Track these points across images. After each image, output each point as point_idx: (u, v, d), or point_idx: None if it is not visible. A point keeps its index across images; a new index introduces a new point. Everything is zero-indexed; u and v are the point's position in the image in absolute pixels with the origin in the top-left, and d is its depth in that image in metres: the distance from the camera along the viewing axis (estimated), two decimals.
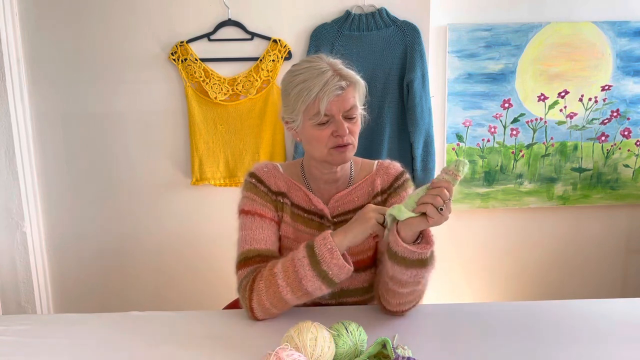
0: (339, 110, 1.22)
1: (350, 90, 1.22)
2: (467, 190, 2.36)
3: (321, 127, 1.23)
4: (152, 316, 1.32)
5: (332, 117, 1.22)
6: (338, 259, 1.15)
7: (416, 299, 1.24)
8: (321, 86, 1.19)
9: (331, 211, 1.34)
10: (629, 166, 2.37)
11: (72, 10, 2.10)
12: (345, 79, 1.22)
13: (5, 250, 2.16)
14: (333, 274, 1.16)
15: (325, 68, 1.22)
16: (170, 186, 2.25)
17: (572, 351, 1.12)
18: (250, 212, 1.32)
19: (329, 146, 1.24)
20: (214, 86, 2.14)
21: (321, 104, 1.19)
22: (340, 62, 1.26)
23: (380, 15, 2.12)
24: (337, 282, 1.18)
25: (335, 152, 1.25)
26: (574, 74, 2.28)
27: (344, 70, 1.24)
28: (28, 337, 1.22)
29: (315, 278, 1.16)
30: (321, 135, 1.23)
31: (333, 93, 1.19)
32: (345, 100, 1.22)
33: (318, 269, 1.15)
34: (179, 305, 2.32)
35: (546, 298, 2.34)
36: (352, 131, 1.25)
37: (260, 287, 1.21)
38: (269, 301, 1.21)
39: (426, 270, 1.15)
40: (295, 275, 1.17)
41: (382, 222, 1.16)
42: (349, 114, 1.23)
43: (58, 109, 2.18)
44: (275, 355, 0.94)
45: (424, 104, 2.16)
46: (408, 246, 1.12)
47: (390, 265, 1.16)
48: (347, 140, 1.24)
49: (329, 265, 1.15)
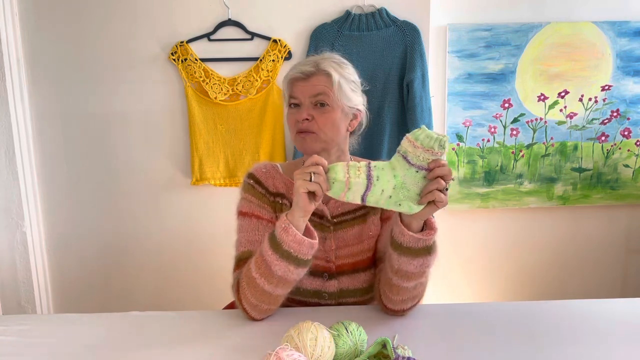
0: (304, 95, 1.26)
1: (317, 78, 1.26)
2: (467, 190, 2.36)
3: (291, 111, 1.30)
4: (152, 316, 1.32)
5: (301, 102, 1.27)
6: (294, 234, 1.12)
7: (419, 295, 1.24)
8: (292, 69, 1.30)
9: (331, 211, 1.34)
10: (629, 166, 2.37)
11: (72, 10, 2.10)
12: (315, 67, 1.26)
13: (5, 250, 2.16)
14: (295, 251, 1.13)
15: (311, 59, 1.29)
16: (170, 186, 2.25)
17: (572, 351, 1.12)
18: (247, 213, 1.32)
19: (295, 130, 1.29)
20: (214, 86, 2.14)
21: (285, 84, 1.29)
22: (338, 59, 1.30)
23: (380, 15, 2.12)
24: (305, 259, 1.15)
25: (298, 137, 1.29)
26: (574, 74, 2.28)
27: (324, 61, 1.28)
28: (28, 337, 1.21)
29: (279, 260, 1.14)
30: (290, 119, 1.30)
31: (294, 74, 1.28)
32: (312, 86, 1.26)
33: (280, 250, 1.14)
34: (179, 305, 2.32)
35: (546, 298, 2.33)
36: (319, 120, 1.26)
37: (243, 285, 1.22)
38: (253, 297, 1.21)
39: (432, 257, 1.16)
40: (265, 264, 1.16)
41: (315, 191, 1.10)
42: (316, 99, 1.26)
43: (58, 109, 2.18)
44: (275, 355, 0.94)
45: (424, 104, 2.16)
46: (414, 234, 1.12)
47: (397, 258, 1.16)
48: (308, 128, 1.26)
49: (288, 244, 1.13)
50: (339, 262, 1.34)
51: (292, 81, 1.29)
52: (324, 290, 1.34)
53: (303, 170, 1.11)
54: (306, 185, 1.10)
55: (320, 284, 1.33)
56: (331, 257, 1.33)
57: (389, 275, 1.21)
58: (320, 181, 1.09)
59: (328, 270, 1.34)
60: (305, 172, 1.10)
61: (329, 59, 1.29)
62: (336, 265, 1.34)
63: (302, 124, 1.26)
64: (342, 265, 1.34)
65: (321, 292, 1.34)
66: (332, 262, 1.33)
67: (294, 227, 1.13)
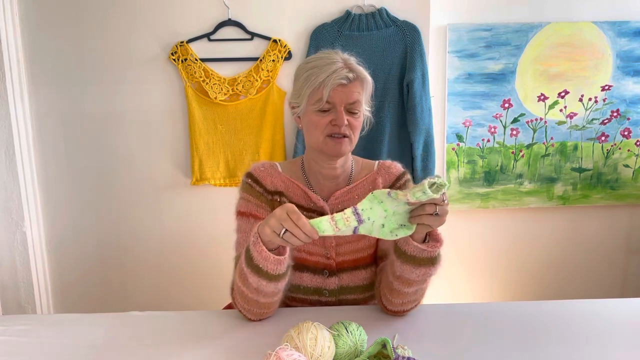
0: (342, 101, 1.24)
1: (356, 85, 1.24)
2: (467, 190, 2.36)
3: (321, 114, 1.25)
4: (152, 316, 1.32)
5: (334, 106, 1.24)
6: (260, 250, 1.10)
7: (419, 298, 1.25)
8: (329, 73, 1.22)
9: (331, 208, 1.34)
10: (629, 166, 2.37)
11: (72, 10, 2.10)
12: (354, 72, 1.24)
13: (5, 250, 2.16)
14: (264, 266, 1.11)
15: (337, 60, 1.25)
16: (170, 186, 2.25)
17: (572, 351, 1.12)
18: (245, 213, 1.33)
19: (325, 133, 1.26)
20: (214, 86, 2.14)
21: (325, 90, 1.22)
22: (354, 59, 1.29)
23: (380, 15, 2.12)
24: (275, 274, 1.12)
25: (330, 141, 1.26)
26: (574, 74, 2.28)
27: (354, 65, 1.27)
28: (28, 337, 1.21)
29: (252, 275, 1.13)
30: (320, 122, 1.25)
31: (338, 81, 1.22)
32: (350, 93, 1.23)
33: (252, 264, 1.13)
34: (179, 305, 2.32)
35: (546, 298, 2.34)
36: (352, 125, 1.26)
37: (234, 290, 1.23)
38: (243, 302, 1.21)
39: (435, 268, 1.16)
40: (243, 274, 1.16)
41: (280, 233, 1.07)
42: (351, 107, 1.25)
43: (58, 109, 2.18)
44: (275, 355, 0.94)
45: (424, 104, 2.16)
46: (419, 245, 1.12)
47: (399, 265, 1.16)
48: (345, 132, 1.25)
49: (257, 258, 1.12)
50: (340, 259, 1.34)
51: (334, 86, 1.22)
52: (325, 287, 1.34)
53: (283, 218, 1.06)
54: (275, 238, 1.07)
55: (320, 281, 1.34)
56: (331, 254, 1.33)
57: (390, 279, 1.21)
58: (292, 240, 1.06)
59: (328, 267, 1.34)
60: (282, 222, 1.06)
61: (354, 61, 1.27)
62: (336, 262, 1.34)
63: (341, 129, 1.24)
64: (342, 262, 1.34)
65: (321, 289, 1.34)
66: (332, 259, 1.33)
67: (263, 241, 1.10)
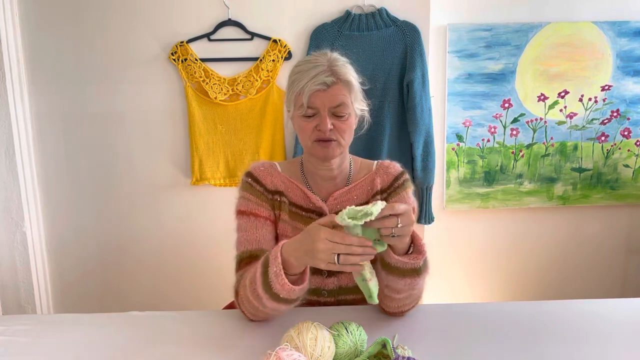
0: (324, 105, 1.23)
1: (338, 88, 1.23)
2: (467, 190, 2.36)
3: (307, 119, 1.26)
4: (152, 316, 1.32)
5: (318, 111, 1.24)
6: (283, 284, 1.09)
7: (414, 301, 1.25)
8: (309, 79, 1.22)
9: (330, 209, 1.34)
10: (629, 166, 2.37)
11: (72, 10, 2.10)
12: (335, 76, 1.23)
13: (5, 250, 2.16)
14: (285, 295, 1.11)
15: (320, 63, 1.24)
16: (170, 186, 2.25)
17: (572, 351, 1.12)
18: (246, 212, 1.33)
19: (312, 139, 1.26)
20: (214, 86, 2.14)
21: (304, 96, 1.22)
22: (344, 61, 1.27)
23: (380, 15, 2.12)
24: (294, 297, 1.13)
25: (317, 146, 1.26)
26: (574, 74, 2.28)
27: (339, 67, 1.25)
28: (28, 337, 1.21)
29: (269, 301, 1.13)
30: (306, 127, 1.26)
31: (315, 87, 1.21)
32: (332, 97, 1.23)
33: (270, 291, 1.12)
34: (178, 305, 2.32)
35: (546, 298, 2.33)
36: (339, 128, 1.25)
37: (241, 295, 1.22)
38: (251, 309, 1.21)
39: (420, 278, 1.17)
40: (257, 295, 1.15)
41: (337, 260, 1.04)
42: (336, 110, 1.24)
43: (58, 109, 2.18)
44: (275, 355, 0.95)
45: (424, 104, 2.16)
46: (400, 258, 1.14)
47: (384, 275, 1.17)
48: (331, 136, 1.25)
49: (278, 288, 1.11)
50: None
51: (311, 92, 1.22)
52: (323, 288, 1.34)
53: (348, 243, 1.03)
54: (331, 265, 1.04)
55: (319, 282, 1.34)
56: None
57: (381, 286, 1.21)
58: (350, 268, 1.05)
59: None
60: (346, 248, 1.03)
61: (340, 63, 1.26)
62: None
63: (325, 134, 1.24)
64: None
65: (320, 290, 1.34)
66: None
67: (284, 271, 1.09)
